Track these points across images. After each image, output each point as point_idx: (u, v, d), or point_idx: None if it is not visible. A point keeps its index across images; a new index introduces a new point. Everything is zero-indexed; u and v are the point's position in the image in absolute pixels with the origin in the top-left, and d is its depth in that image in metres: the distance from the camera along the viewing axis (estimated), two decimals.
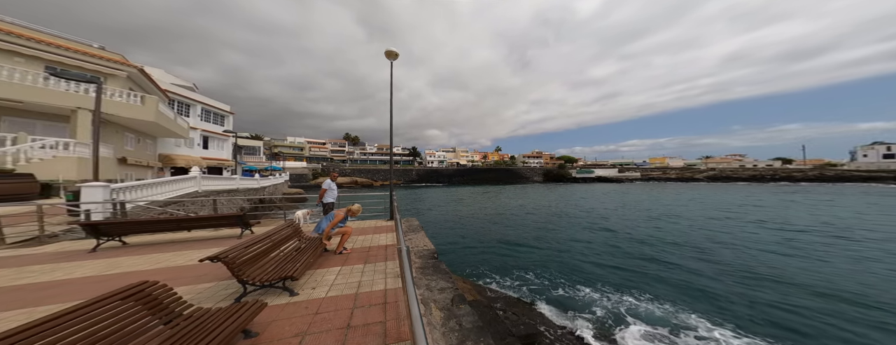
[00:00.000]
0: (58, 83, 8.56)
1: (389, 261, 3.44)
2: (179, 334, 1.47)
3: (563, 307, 5.30)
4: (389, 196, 6.10)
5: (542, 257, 8.31)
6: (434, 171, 64.23)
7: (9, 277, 2.75)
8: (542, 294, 5.87)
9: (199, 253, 3.64)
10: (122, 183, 6.02)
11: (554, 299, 5.67)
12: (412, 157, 78.13)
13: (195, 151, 19.14)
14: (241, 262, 2.32)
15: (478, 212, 18.09)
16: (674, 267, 7.22)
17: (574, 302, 5.51)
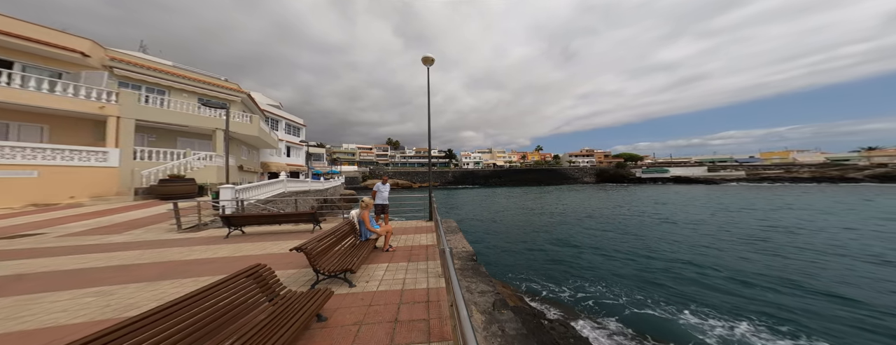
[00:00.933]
0: (205, 110, 12.05)
1: (430, 261, 3.63)
2: (278, 311, 1.84)
3: (632, 327, 4.45)
4: (429, 198, 6.36)
5: (597, 265, 7.37)
6: (470, 172, 64.04)
7: (183, 253, 3.98)
8: (602, 309, 5.14)
9: (287, 244, 4.48)
10: (241, 185, 8.09)
11: (616, 314, 4.88)
12: (448, 159, 79.77)
13: (282, 159, 23.92)
14: (316, 253, 2.77)
15: (517, 214, 17.25)
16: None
17: (651, 324, 4.56)
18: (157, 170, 9.47)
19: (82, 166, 8.21)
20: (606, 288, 5.98)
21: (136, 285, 2.71)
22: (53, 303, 2.28)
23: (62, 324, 1.97)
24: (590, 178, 61.89)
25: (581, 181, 59.99)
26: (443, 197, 31.07)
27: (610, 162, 76.17)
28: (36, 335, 1.84)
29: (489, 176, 61.87)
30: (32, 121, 8.58)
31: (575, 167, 67.88)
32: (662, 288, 5.87)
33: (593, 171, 64.25)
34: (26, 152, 7.38)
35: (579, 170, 64.63)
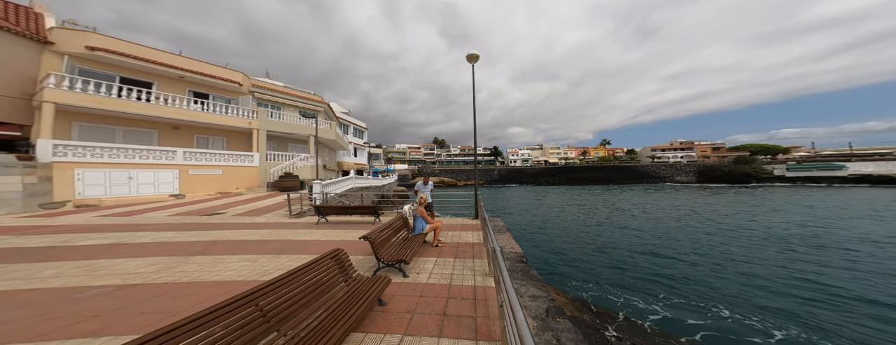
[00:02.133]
0: (303, 120, 15.44)
1: (476, 258, 3.66)
2: (350, 292, 2.18)
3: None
4: (475, 196, 6.36)
5: (692, 280, 5.96)
6: (517, 170, 60.20)
7: (293, 234, 5.23)
8: (698, 330, 4.24)
9: (356, 232, 5.30)
10: (326, 181, 10.14)
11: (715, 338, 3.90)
12: (493, 156, 77.14)
13: (351, 159, 28.55)
14: (378, 243, 3.12)
15: (574, 216, 15.46)
16: None
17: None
18: (277, 169, 12.91)
19: (242, 166, 11.91)
20: (714, 312, 4.71)
21: (268, 256, 3.75)
22: (229, 264, 3.42)
23: (233, 279, 2.94)
24: (686, 176, 48.02)
25: (671, 180, 47.52)
26: (488, 196, 30.48)
27: (723, 157, 56.11)
28: (221, 285, 2.79)
29: (539, 174, 56.64)
30: (219, 135, 12.90)
31: (660, 164, 53.87)
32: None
33: (693, 168, 49.38)
34: (216, 157, 11.22)
35: (668, 167, 50.86)
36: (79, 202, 7.74)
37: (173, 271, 3.09)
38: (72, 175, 7.79)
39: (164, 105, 10.18)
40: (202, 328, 1.23)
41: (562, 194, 28.98)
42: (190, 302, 2.36)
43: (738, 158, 49.60)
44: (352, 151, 28.63)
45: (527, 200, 25.02)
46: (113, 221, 5.73)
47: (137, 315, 2.11)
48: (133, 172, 8.93)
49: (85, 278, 2.82)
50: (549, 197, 27.34)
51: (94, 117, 9.33)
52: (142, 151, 9.21)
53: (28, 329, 1.88)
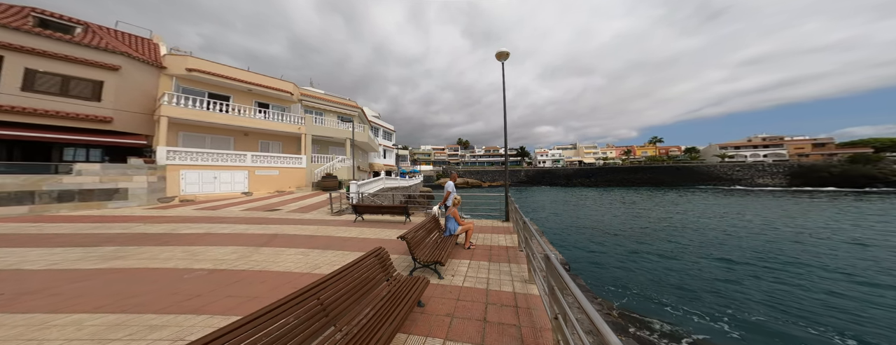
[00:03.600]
0: (341, 124, 16.95)
1: (513, 263, 3.52)
2: (393, 291, 2.22)
3: None
4: (505, 198, 6.14)
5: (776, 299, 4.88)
6: (547, 171, 56.52)
7: (335, 231, 5.70)
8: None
9: (390, 231, 5.49)
10: (361, 182, 10.90)
11: None
12: (520, 157, 73.92)
13: (381, 160, 30.26)
14: (414, 243, 3.15)
15: (619, 220, 13.97)
16: None
17: None
18: (320, 170, 14.34)
19: (294, 168, 13.54)
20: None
21: (317, 251, 4.14)
22: (287, 256, 3.86)
23: (291, 270, 3.30)
24: (772, 178, 38.40)
25: (748, 183, 38.75)
26: (515, 197, 29.21)
27: (830, 155, 43.18)
28: (283, 275, 3.15)
29: (573, 175, 52.21)
30: (276, 139, 14.81)
31: (733, 164, 43.72)
32: None
33: (782, 168, 39.21)
34: (274, 160, 12.96)
35: (745, 168, 40.87)
36: (182, 198, 9.65)
37: (247, 259, 3.62)
38: (178, 175, 9.75)
39: (238, 115, 12.04)
40: (280, 317, 1.36)
41: (601, 197, 26.42)
42: (261, 289, 2.72)
43: (855, 155, 37.15)
44: (382, 153, 30.17)
45: (558, 203, 23.33)
46: (204, 214, 6.99)
47: (225, 298, 2.51)
48: (217, 172, 10.80)
49: (189, 261, 3.48)
50: (584, 200, 25.24)
51: (191, 127, 11.52)
52: (223, 155, 11.06)
53: (154, 303, 2.38)
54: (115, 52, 9.71)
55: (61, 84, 8.77)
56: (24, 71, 8.22)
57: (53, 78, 8.65)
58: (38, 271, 3.04)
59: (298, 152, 14.43)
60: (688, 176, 42.67)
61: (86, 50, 9.20)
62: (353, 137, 14.57)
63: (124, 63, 9.87)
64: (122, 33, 11.87)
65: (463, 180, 51.72)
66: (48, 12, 9.61)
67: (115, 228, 5.29)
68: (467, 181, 52.57)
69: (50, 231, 4.94)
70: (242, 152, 11.77)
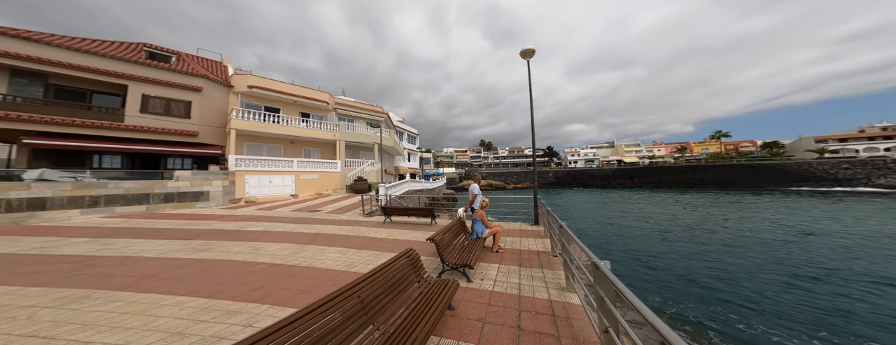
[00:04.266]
0: (369, 130, 18.12)
1: (546, 269, 3.34)
2: (424, 293, 2.25)
3: None
4: (534, 200, 5.85)
5: None
6: (579, 172, 52.07)
7: (367, 231, 6.06)
8: None
9: (417, 233, 5.64)
10: (388, 184, 11.47)
11: None
12: (548, 157, 69.59)
13: (405, 163, 31.43)
14: (443, 245, 3.17)
15: (679, 227, 12.36)
16: None
17: None
18: (352, 174, 15.51)
19: (330, 172, 14.90)
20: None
21: (353, 250, 4.45)
22: (328, 254, 4.23)
23: (332, 268, 3.61)
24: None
25: (857, 183, 30.23)
26: (544, 200, 27.55)
27: None
28: (326, 272, 3.46)
29: (611, 176, 47.09)
30: (316, 146, 16.51)
31: (836, 160, 34.17)
32: None
33: None
34: (315, 165, 14.44)
35: (857, 164, 31.52)
36: (246, 199, 11.34)
37: (297, 256, 4.07)
38: (244, 180, 11.51)
39: (287, 125, 13.71)
40: (328, 313, 1.49)
41: (648, 200, 23.45)
42: (308, 284, 3.03)
43: None
44: (406, 156, 31.37)
45: (594, 206, 21.62)
46: (263, 214, 8.10)
47: (281, 290, 2.86)
48: (271, 177, 12.45)
49: (253, 255, 4.07)
50: (627, 203, 22.65)
51: (252, 137, 13.48)
52: (276, 161, 12.69)
53: (230, 291, 2.84)
54: (199, 76, 11.91)
55: (165, 106, 11.07)
56: (141, 97, 10.57)
57: (160, 101, 10.96)
58: (153, 259, 3.87)
59: (334, 158, 15.83)
60: (769, 176, 34.95)
61: (180, 76, 11.44)
62: (381, 142, 15.47)
63: (205, 84, 12.04)
64: (201, 59, 14.52)
65: (487, 182, 50.72)
66: (153, 46, 12.24)
67: (200, 224, 6.46)
68: (491, 183, 51.30)
69: (159, 226, 6.26)
70: (290, 159, 13.36)
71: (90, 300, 2.53)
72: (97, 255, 3.98)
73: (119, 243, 4.66)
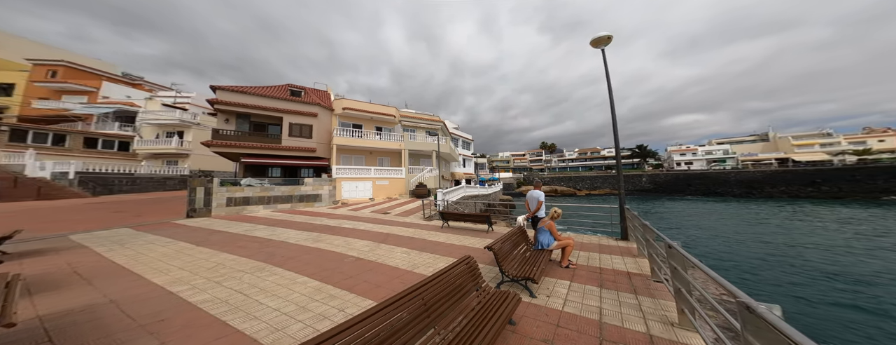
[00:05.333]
0: (428, 138, 19.70)
1: (642, 295, 2.71)
2: (483, 303, 2.18)
3: None
4: (620, 211, 4.87)
5: None
6: (697, 176, 38.25)
7: (427, 235, 6.51)
8: None
9: (473, 239, 5.61)
10: (445, 190, 12.04)
11: None
12: (639, 158, 54.72)
13: (461, 169, 32.16)
14: (502, 254, 3.02)
15: None
16: None
17: None
18: (414, 180, 17.27)
19: (397, 178, 17.18)
20: None
21: (415, 251, 4.88)
22: (396, 254, 4.81)
23: (399, 267, 4.06)
24: None
25: None
26: (637, 210, 22.63)
27: None
28: (394, 270, 3.93)
29: (765, 181, 31.81)
30: (386, 155, 19.45)
31: None
32: None
33: None
34: (386, 172, 17.03)
35: None
36: (342, 201, 14.62)
37: (374, 252, 4.85)
38: (340, 185, 14.93)
39: (367, 139, 16.87)
40: (398, 311, 1.66)
41: (858, 217, 15.91)
42: (382, 279, 3.52)
43: None
44: (461, 162, 32.10)
45: (729, 222, 15.96)
46: (353, 214, 10.18)
47: (363, 282, 3.46)
48: (357, 183, 15.55)
49: (345, 248, 5.15)
50: (804, 220, 16.26)
51: (346, 150, 17.33)
52: (360, 169, 15.81)
53: (331, 277, 3.67)
54: (316, 105, 16.33)
55: (299, 129, 15.86)
56: (289, 125, 15.58)
57: (296, 126, 15.80)
58: (293, 244, 5.54)
59: (399, 165, 18.11)
60: None
61: (307, 106, 16.04)
62: (438, 149, 16.55)
63: (319, 111, 16.42)
64: (316, 90, 19.82)
65: (549, 188, 45.15)
66: (293, 85, 17.62)
67: (316, 220, 8.78)
68: (555, 189, 45.42)
69: (296, 220, 8.94)
70: (368, 167, 16.28)
71: (264, 272, 3.87)
72: (268, 238, 6.08)
73: (278, 231, 6.94)
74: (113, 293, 3.06)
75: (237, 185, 11.22)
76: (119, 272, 3.79)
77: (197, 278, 3.57)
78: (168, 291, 3.14)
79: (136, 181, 18.43)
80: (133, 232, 6.74)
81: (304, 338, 2.12)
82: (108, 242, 5.57)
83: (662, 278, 2.99)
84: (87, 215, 9.41)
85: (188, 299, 2.92)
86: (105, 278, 3.58)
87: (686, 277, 2.07)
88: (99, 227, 7.38)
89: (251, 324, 2.37)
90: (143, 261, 4.32)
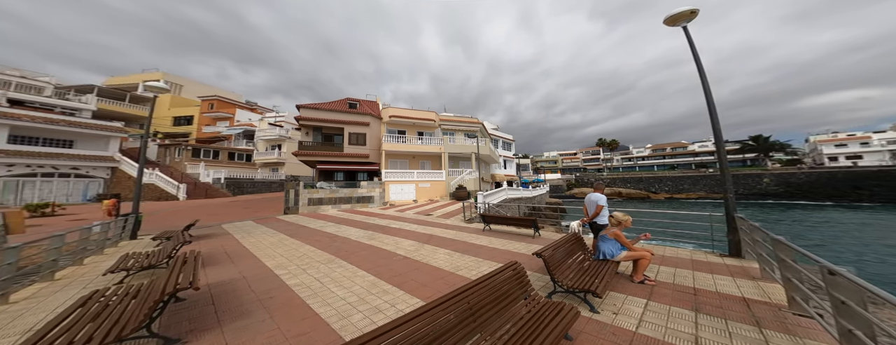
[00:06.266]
0: (467, 140, 19.79)
1: (771, 330, 2.06)
2: (534, 313, 2.01)
3: None
4: (726, 218, 3.83)
5: None
6: (869, 175, 25.58)
7: (469, 237, 6.46)
8: None
9: (518, 244, 5.29)
10: (485, 192, 11.76)
11: None
12: (756, 153, 40.69)
13: (501, 171, 30.80)
14: (554, 262, 2.75)
15: None
16: None
17: None
18: (454, 182, 17.53)
19: (438, 181, 17.85)
20: None
21: (458, 254, 4.91)
22: (439, 255, 4.94)
23: (443, 268, 4.16)
24: None
25: None
26: (755, 221, 18.10)
27: None
28: (438, 271, 4.05)
29: None
30: (427, 159, 20.47)
31: None
32: None
33: None
34: (427, 175, 17.93)
35: None
36: (390, 203, 16.16)
37: (418, 252, 5.13)
38: (388, 188, 16.54)
39: (410, 144, 18.21)
40: (445, 312, 1.70)
41: None
42: (427, 279, 3.69)
43: None
44: (502, 164, 30.83)
45: None
46: (399, 215, 11.09)
47: (410, 280, 3.70)
48: (402, 186, 16.90)
49: (394, 247, 5.63)
50: None
51: (392, 155, 19.04)
52: (405, 172, 17.16)
53: (384, 273, 4.04)
54: (368, 115, 18.58)
55: (356, 138, 18.40)
56: (348, 134, 18.29)
57: (353, 135, 18.34)
58: (353, 241, 6.42)
59: (439, 168, 18.73)
60: None
61: (361, 116, 18.41)
62: (478, 152, 16.37)
63: (371, 120, 18.60)
64: (367, 101, 22.38)
65: (612, 190, 38.50)
66: (350, 98, 20.43)
67: (369, 219, 9.95)
68: (619, 191, 38.52)
69: (355, 219, 10.36)
70: (411, 171, 17.45)
71: (333, 263, 4.61)
72: (335, 235, 7.23)
73: (343, 228, 8.19)
74: (244, 271, 4.20)
75: (314, 187, 13.80)
76: (246, 255, 5.19)
77: (291, 264, 4.54)
78: (274, 273, 4.09)
79: (256, 184, 25.32)
80: (254, 224, 9.15)
81: (364, 328, 2.40)
82: (241, 232, 7.73)
83: (812, 311, 2.15)
84: (229, 210, 13.37)
85: (286, 281, 3.72)
86: (239, 258, 4.96)
87: (867, 316, 1.44)
88: (236, 219, 10.37)
89: (324, 309, 2.77)
90: (259, 247, 5.80)
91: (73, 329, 1.98)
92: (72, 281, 3.91)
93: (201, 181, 21.63)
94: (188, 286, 2.40)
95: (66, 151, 17.09)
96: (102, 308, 2.27)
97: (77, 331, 1.96)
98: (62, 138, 17.37)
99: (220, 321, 2.58)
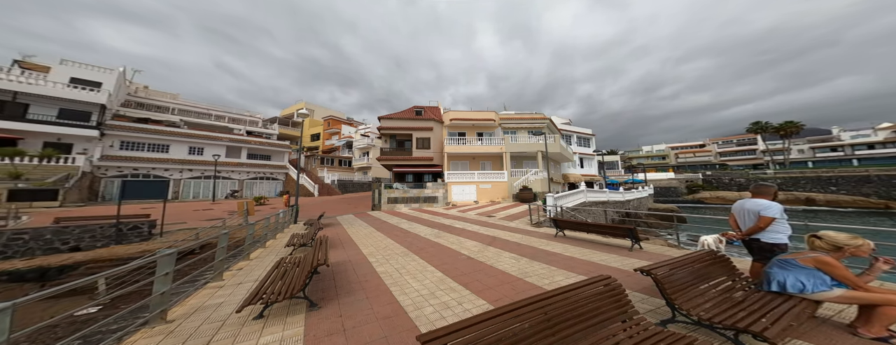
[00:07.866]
0: (531, 138, 17.99)
1: None
2: (639, 341, 1.63)
3: None
4: None
5: None
6: None
7: (537, 243, 5.87)
8: None
9: (604, 255, 4.45)
10: (557, 194, 10.24)
11: None
12: None
13: (577, 170, 26.00)
14: (672, 285, 2.18)
15: None
16: None
17: None
18: (517, 183, 16.30)
19: (499, 182, 17.18)
20: None
21: (525, 259, 4.58)
22: (503, 258, 4.75)
23: (509, 272, 3.99)
24: None
25: None
26: None
27: None
28: (503, 275, 3.91)
29: None
30: (488, 159, 20.23)
31: None
32: None
33: None
34: (488, 176, 17.61)
35: None
36: (452, 203, 16.95)
37: (481, 254, 5.09)
38: (451, 189, 17.43)
39: (470, 145, 18.57)
40: (519, 319, 1.63)
41: None
42: (492, 282, 3.62)
43: None
44: (577, 162, 26.16)
45: None
46: (461, 215, 11.46)
47: (475, 281, 3.72)
48: (463, 186, 17.37)
49: (458, 247, 5.84)
50: None
51: (454, 157, 19.98)
52: (465, 174, 17.60)
53: (451, 271, 4.27)
54: (431, 120, 20.34)
55: (422, 142, 20.50)
56: (416, 139, 20.62)
57: (420, 140, 20.49)
58: (423, 238, 7.15)
59: (501, 169, 17.92)
60: None
61: (426, 122, 20.35)
62: (545, 150, 14.56)
63: (434, 125, 20.25)
64: (430, 107, 24.34)
65: (787, 195, 26.12)
66: (417, 106, 22.95)
67: (435, 218, 10.79)
68: (810, 197, 25.26)
69: (422, 217, 11.54)
70: (472, 172, 17.60)
71: (407, 257, 5.28)
72: (408, 231, 8.30)
73: (414, 225, 9.30)
74: (349, 256, 5.49)
75: (391, 188, 16.41)
76: (351, 242, 6.80)
77: (378, 253, 5.57)
78: (368, 260, 5.13)
79: (354, 185, 33.37)
80: (353, 218, 11.90)
81: (435, 321, 2.62)
82: (347, 223, 10.22)
83: None
84: (339, 206, 18.03)
85: (376, 268, 4.56)
86: (347, 245, 6.57)
87: None
88: (343, 213, 13.90)
89: (402, 298, 3.09)
90: (358, 237, 7.47)
91: (272, 285, 3.17)
92: (272, 250, 6.31)
93: (325, 182, 30.25)
94: (323, 262, 3.36)
95: (268, 163, 27.74)
96: (283, 273, 3.52)
97: (273, 286, 3.13)
98: (266, 154, 28.53)
99: (337, 294, 3.28)
